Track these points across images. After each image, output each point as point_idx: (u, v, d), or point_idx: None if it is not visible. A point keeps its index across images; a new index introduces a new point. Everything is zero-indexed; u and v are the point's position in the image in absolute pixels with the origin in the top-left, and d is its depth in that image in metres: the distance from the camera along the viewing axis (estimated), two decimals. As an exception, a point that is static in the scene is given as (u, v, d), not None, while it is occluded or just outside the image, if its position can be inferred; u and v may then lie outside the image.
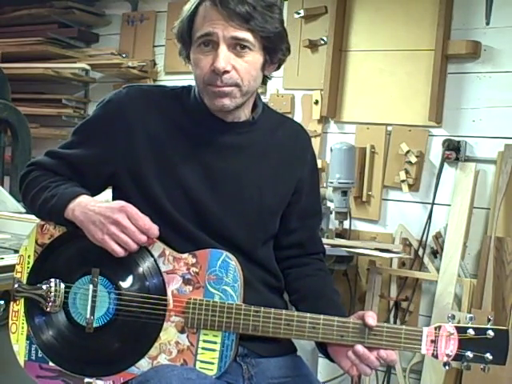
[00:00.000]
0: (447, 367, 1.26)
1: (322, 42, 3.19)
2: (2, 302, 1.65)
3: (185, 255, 1.29)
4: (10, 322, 1.33)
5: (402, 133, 3.00)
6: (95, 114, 1.37)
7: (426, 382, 2.81)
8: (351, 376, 1.34)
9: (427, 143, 2.97)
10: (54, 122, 3.95)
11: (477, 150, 2.88)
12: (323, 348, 1.35)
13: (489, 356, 1.23)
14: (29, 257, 1.34)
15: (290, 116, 3.26)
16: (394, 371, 2.94)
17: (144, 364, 1.28)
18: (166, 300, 1.28)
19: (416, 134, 2.98)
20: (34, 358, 1.31)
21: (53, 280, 1.31)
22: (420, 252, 2.93)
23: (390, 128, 3.05)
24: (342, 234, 3.00)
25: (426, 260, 2.91)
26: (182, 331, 1.28)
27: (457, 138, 2.88)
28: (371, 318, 1.24)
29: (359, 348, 1.24)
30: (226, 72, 1.24)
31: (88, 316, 1.29)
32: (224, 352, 1.27)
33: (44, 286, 1.31)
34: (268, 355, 1.34)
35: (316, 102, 3.20)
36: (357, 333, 1.25)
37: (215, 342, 1.27)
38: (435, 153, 2.96)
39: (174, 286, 1.28)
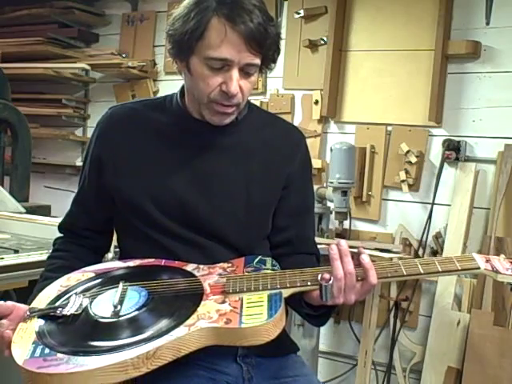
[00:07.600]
0: None
1: (322, 42, 3.19)
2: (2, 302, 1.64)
3: (219, 264, 1.31)
4: (16, 335, 1.16)
5: (402, 133, 3.00)
6: (90, 138, 1.45)
7: (426, 382, 2.81)
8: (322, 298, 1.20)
9: (427, 143, 2.97)
10: (54, 122, 3.95)
11: (477, 149, 2.88)
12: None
13: None
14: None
15: (289, 116, 3.27)
16: (394, 371, 2.94)
17: (180, 332, 1.12)
18: (202, 289, 1.22)
19: (416, 134, 2.98)
20: (38, 355, 1.11)
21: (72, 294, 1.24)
22: (420, 252, 2.93)
23: (390, 128, 3.05)
24: (342, 234, 3.00)
25: (426, 260, 2.91)
26: (222, 303, 1.19)
27: (457, 138, 2.88)
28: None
29: (342, 242, 1.22)
30: (235, 95, 1.27)
31: (116, 302, 1.19)
32: (273, 304, 1.17)
33: (61, 301, 1.23)
34: (268, 355, 1.34)
35: (316, 102, 3.20)
36: (409, 266, 1.22)
37: (261, 301, 1.18)
38: (435, 153, 2.96)
39: (210, 280, 1.25)
